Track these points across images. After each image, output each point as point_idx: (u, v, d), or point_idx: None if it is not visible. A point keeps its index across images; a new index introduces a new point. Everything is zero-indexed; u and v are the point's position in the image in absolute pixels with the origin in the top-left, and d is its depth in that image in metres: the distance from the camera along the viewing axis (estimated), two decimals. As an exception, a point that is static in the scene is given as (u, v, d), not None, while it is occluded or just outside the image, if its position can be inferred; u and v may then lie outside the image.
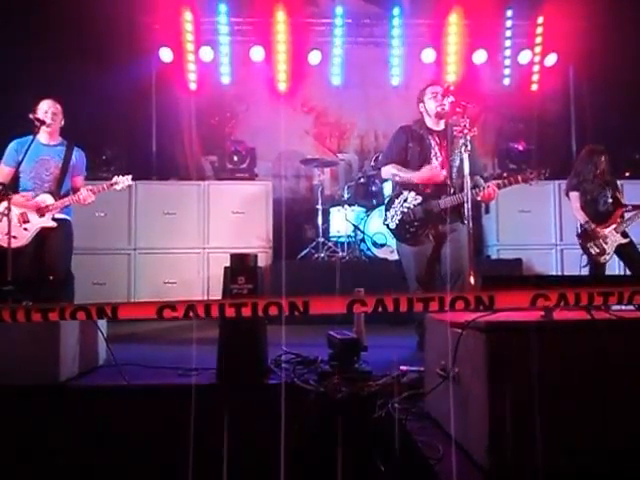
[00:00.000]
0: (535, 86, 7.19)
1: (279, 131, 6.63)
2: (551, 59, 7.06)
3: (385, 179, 5.78)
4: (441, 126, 3.57)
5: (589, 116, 6.80)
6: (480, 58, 7.10)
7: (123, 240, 5.81)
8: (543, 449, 1.52)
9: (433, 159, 3.50)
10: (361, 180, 6.42)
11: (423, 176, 3.45)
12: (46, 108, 3.78)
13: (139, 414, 2.30)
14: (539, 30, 7.07)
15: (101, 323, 2.99)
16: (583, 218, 4.50)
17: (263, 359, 2.80)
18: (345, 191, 6.38)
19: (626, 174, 6.14)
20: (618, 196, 4.58)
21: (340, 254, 5.89)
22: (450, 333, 1.85)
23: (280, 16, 6.89)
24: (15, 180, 3.69)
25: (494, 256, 6.01)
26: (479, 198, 3.39)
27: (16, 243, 3.55)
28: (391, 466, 1.74)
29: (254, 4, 6.95)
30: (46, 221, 3.76)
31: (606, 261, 4.46)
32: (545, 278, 3.71)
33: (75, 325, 2.76)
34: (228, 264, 2.81)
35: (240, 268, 2.79)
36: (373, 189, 6.30)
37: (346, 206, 6.05)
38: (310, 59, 7.08)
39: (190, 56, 6.93)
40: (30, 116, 3.66)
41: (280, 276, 5.12)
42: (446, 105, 3.42)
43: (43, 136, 3.81)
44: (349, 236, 6.02)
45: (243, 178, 6.26)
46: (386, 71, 7.24)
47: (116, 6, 5.93)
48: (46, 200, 3.76)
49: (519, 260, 5.70)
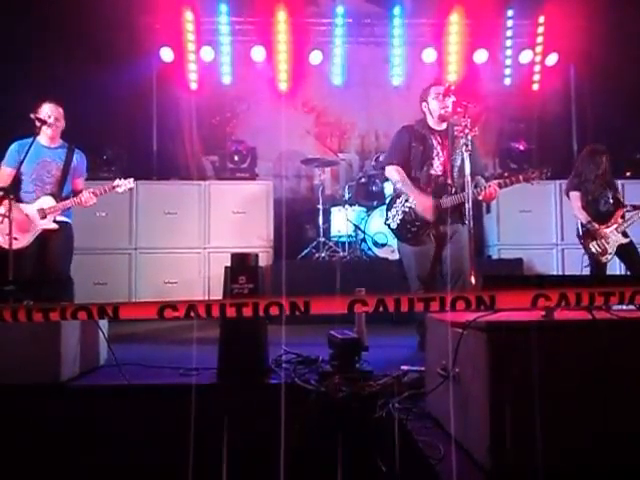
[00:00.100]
0: (536, 86, 7.19)
1: (280, 131, 6.64)
2: (552, 59, 7.06)
3: (386, 178, 5.81)
4: (443, 126, 3.57)
5: (590, 116, 6.79)
6: (481, 58, 7.10)
7: (124, 240, 5.82)
8: (543, 449, 1.52)
9: (435, 159, 3.51)
10: (362, 180, 6.43)
11: (418, 203, 3.44)
12: (49, 112, 3.77)
13: (140, 414, 2.30)
14: (540, 30, 7.07)
15: (102, 323, 2.99)
16: (585, 218, 4.49)
17: (264, 359, 2.80)
18: (346, 191, 6.38)
19: (627, 174, 6.14)
20: (618, 196, 4.60)
21: (341, 254, 5.89)
22: (451, 333, 1.85)
23: (281, 16, 6.90)
24: (16, 182, 3.67)
25: (495, 256, 6.01)
26: (480, 198, 3.39)
27: (17, 244, 3.54)
28: (392, 466, 1.74)
29: (255, 4, 6.95)
30: (47, 223, 3.76)
31: (608, 261, 4.47)
32: (546, 278, 3.71)
33: (76, 325, 2.77)
34: (229, 264, 2.82)
35: (241, 268, 2.79)
36: (374, 189, 6.30)
37: (347, 206, 6.06)
38: (311, 59, 7.08)
39: (191, 56, 6.93)
40: (31, 116, 3.65)
41: (281, 276, 5.11)
42: (449, 107, 3.42)
43: (44, 138, 3.80)
44: (350, 236, 6.02)
45: (244, 178, 6.27)
46: (387, 71, 7.25)
47: (117, 6, 5.93)
48: (47, 202, 3.76)
49: (520, 260, 5.70)
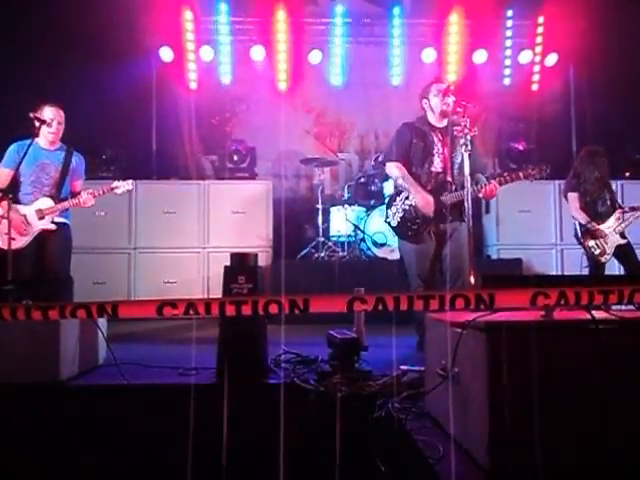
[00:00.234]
0: (535, 86, 7.19)
1: (279, 130, 6.63)
2: (551, 59, 7.06)
3: (385, 178, 5.82)
4: (444, 123, 3.57)
5: (589, 116, 6.79)
6: (480, 58, 7.10)
7: (123, 239, 5.81)
8: (543, 449, 1.51)
9: (435, 155, 3.51)
10: (361, 180, 6.42)
11: (419, 199, 3.45)
12: (52, 116, 3.73)
13: (139, 413, 2.30)
14: (539, 30, 7.07)
15: (101, 322, 2.99)
16: (584, 218, 4.50)
17: (263, 359, 2.80)
18: (345, 191, 6.38)
19: (626, 174, 6.15)
20: (614, 198, 4.66)
21: (340, 254, 5.88)
22: (450, 333, 1.85)
23: (280, 15, 6.89)
24: (15, 184, 3.66)
25: (494, 256, 6.01)
26: (481, 195, 3.39)
27: (15, 245, 3.53)
28: (391, 466, 1.74)
29: (254, 3, 6.95)
30: (46, 223, 3.75)
31: (607, 260, 4.50)
32: (545, 278, 3.71)
33: (75, 324, 2.76)
34: (228, 263, 2.82)
35: (240, 267, 2.79)
36: (373, 189, 6.30)
37: (346, 206, 6.06)
38: (310, 59, 7.07)
39: (190, 55, 6.92)
40: (30, 115, 3.62)
41: (280, 275, 5.12)
42: (450, 103, 3.43)
43: (43, 140, 3.79)
44: (349, 236, 6.02)
45: (243, 177, 6.26)
46: (386, 71, 7.24)
47: (116, 5, 5.92)
48: (46, 203, 3.75)
49: (519, 260, 5.70)
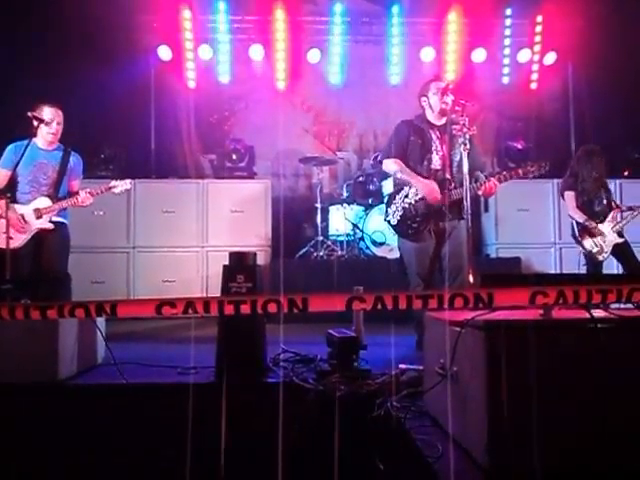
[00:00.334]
0: (534, 85, 7.19)
1: (278, 129, 6.62)
2: (550, 58, 7.06)
3: (384, 177, 5.81)
4: (442, 120, 3.57)
5: (588, 115, 6.79)
6: (479, 57, 7.09)
7: (122, 238, 5.81)
8: (542, 448, 1.51)
9: (434, 153, 3.51)
10: (360, 179, 6.41)
11: (422, 187, 3.45)
12: (51, 116, 3.73)
13: (138, 413, 2.29)
14: (538, 29, 7.07)
15: (100, 322, 2.99)
16: (581, 217, 4.51)
17: (262, 358, 2.80)
18: (344, 190, 6.38)
19: (625, 173, 6.15)
20: (611, 197, 4.68)
21: (339, 253, 5.88)
22: (449, 332, 1.85)
23: (279, 14, 6.88)
24: (13, 183, 3.66)
25: (493, 255, 6.01)
26: (480, 192, 3.39)
27: (12, 244, 3.51)
28: (390, 465, 1.74)
29: (253, 2, 6.94)
30: (43, 223, 3.74)
31: (604, 259, 4.51)
32: (544, 277, 3.71)
33: (74, 323, 2.76)
34: (227, 262, 2.81)
35: (239, 267, 2.79)
36: (372, 188, 6.29)
37: (345, 205, 6.06)
38: (309, 57, 7.06)
39: (189, 54, 6.91)
40: (29, 114, 3.60)
41: (279, 275, 5.11)
42: (449, 102, 3.43)
43: (41, 141, 3.78)
44: (348, 235, 6.02)
45: (242, 177, 6.25)
46: (385, 70, 7.24)
47: (115, 4, 5.92)
48: (43, 202, 3.74)
49: (518, 259, 5.70)
